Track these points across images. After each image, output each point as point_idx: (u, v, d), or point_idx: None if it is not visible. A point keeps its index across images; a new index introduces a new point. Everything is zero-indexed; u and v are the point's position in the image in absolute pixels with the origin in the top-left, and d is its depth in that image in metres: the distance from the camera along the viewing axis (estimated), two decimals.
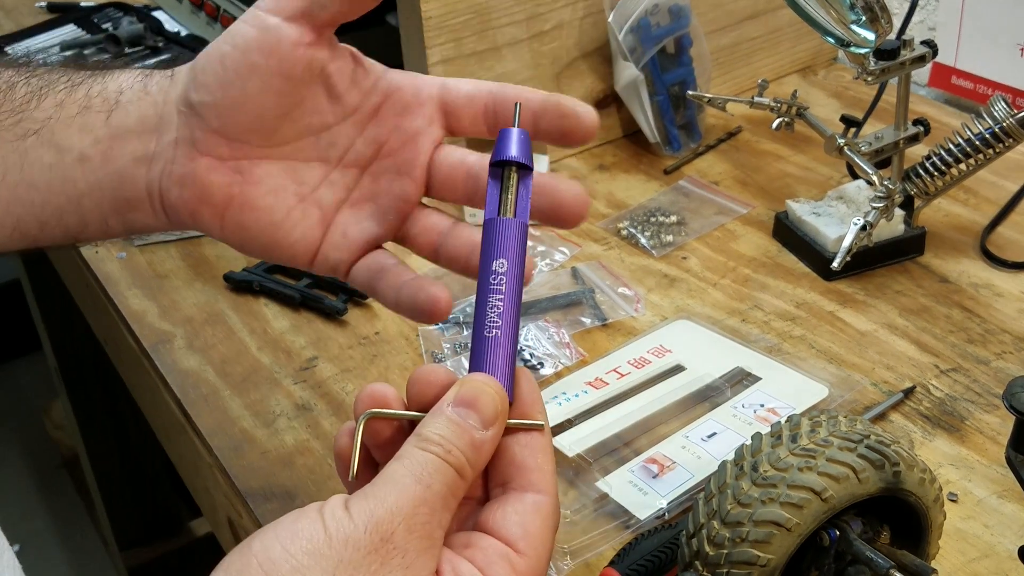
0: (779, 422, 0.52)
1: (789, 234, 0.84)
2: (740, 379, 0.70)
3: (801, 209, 0.83)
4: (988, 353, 0.73)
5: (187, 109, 0.48)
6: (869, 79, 0.76)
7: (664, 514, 0.61)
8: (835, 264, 0.71)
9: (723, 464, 0.51)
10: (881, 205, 0.73)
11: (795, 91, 0.83)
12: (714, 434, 0.66)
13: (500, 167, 0.44)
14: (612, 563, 0.56)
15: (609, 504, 0.62)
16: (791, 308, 0.78)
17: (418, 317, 0.48)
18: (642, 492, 0.62)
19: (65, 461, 1.97)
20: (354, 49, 0.51)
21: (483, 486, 0.41)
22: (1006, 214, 0.85)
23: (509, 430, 0.40)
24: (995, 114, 0.76)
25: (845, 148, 0.78)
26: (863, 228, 0.72)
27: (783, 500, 0.48)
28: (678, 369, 0.72)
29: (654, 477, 0.63)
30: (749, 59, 1.04)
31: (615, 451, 0.66)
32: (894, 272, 0.81)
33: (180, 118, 0.48)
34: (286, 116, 0.49)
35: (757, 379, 0.70)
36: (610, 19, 0.90)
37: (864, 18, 0.68)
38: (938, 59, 0.94)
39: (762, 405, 0.68)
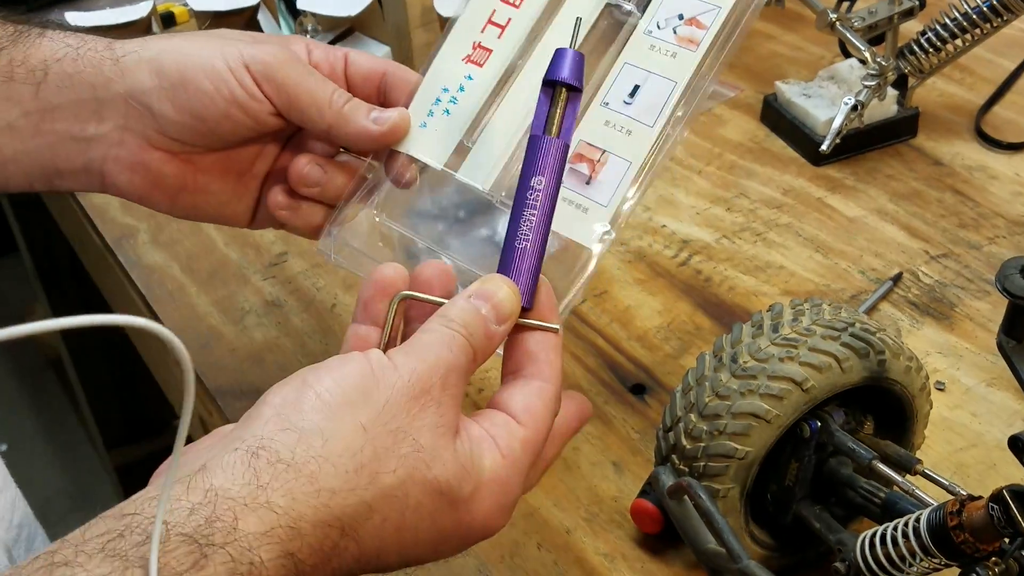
0: (760, 314, 0.49)
1: (778, 117, 0.80)
2: None
3: (791, 91, 0.79)
4: (980, 238, 0.70)
5: (144, 109, 0.50)
6: None
7: (611, 234, 0.48)
8: (824, 147, 0.68)
9: (701, 356, 0.49)
10: (873, 83, 0.70)
11: None
12: (637, 88, 0.50)
13: (551, 86, 0.44)
14: (644, 493, 0.53)
15: (551, 240, 0.47)
16: (778, 195, 0.75)
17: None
18: (581, 209, 0.48)
19: (50, 361, 1.96)
20: None
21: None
22: (1002, 93, 0.82)
23: (527, 328, 0.43)
24: None
25: (837, 24, 0.74)
26: (854, 108, 0.69)
27: (762, 392, 0.46)
28: None
29: (588, 183, 0.48)
30: None
31: None
32: (885, 155, 0.78)
33: (132, 112, 0.50)
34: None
35: None
36: None
37: None
38: None
39: (680, 17, 0.51)
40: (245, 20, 0.86)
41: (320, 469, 0.35)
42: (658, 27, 0.51)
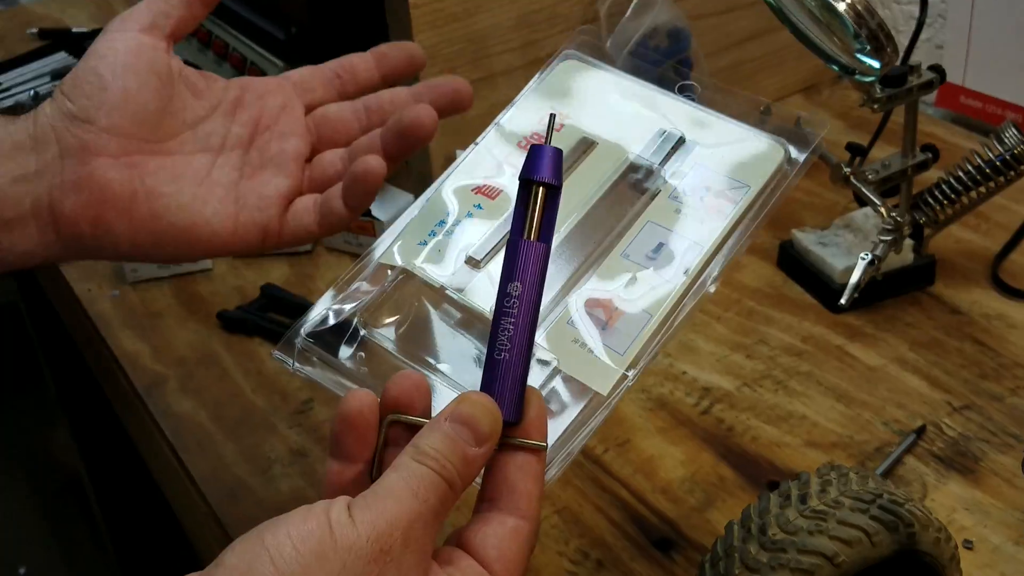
0: (787, 483, 0.50)
1: (795, 264, 0.82)
2: (668, 150, 0.53)
3: (807, 239, 0.81)
4: (1002, 389, 0.71)
5: (68, 121, 0.52)
6: (875, 107, 0.74)
7: (629, 381, 0.47)
8: (843, 301, 0.69)
9: (730, 526, 0.49)
10: (889, 238, 0.71)
11: (799, 117, 0.81)
12: (661, 245, 0.49)
13: (528, 185, 0.43)
14: None
15: (557, 379, 0.47)
16: (797, 343, 0.76)
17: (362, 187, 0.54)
18: (595, 354, 0.47)
19: (70, 483, 1.95)
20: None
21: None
22: (1018, 240, 0.83)
23: (511, 447, 0.41)
24: (1006, 141, 0.74)
25: (851, 178, 0.76)
26: (871, 263, 0.70)
27: (793, 566, 0.46)
28: (587, 146, 0.53)
29: (604, 328, 0.48)
30: (751, 79, 1.02)
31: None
32: (904, 303, 0.79)
33: (62, 131, 0.52)
34: (164, 111, 0.53)
35: (687, 143, 0.53)
36: (608, 44, 0.88)
37: (869, 47, 0.66)
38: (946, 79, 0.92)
39: (707, 189, 0.51)
40: None
41: None
42: (685, 194, 0.51)
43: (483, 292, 0.49)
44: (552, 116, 0.46)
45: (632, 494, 0.65)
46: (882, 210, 0.72)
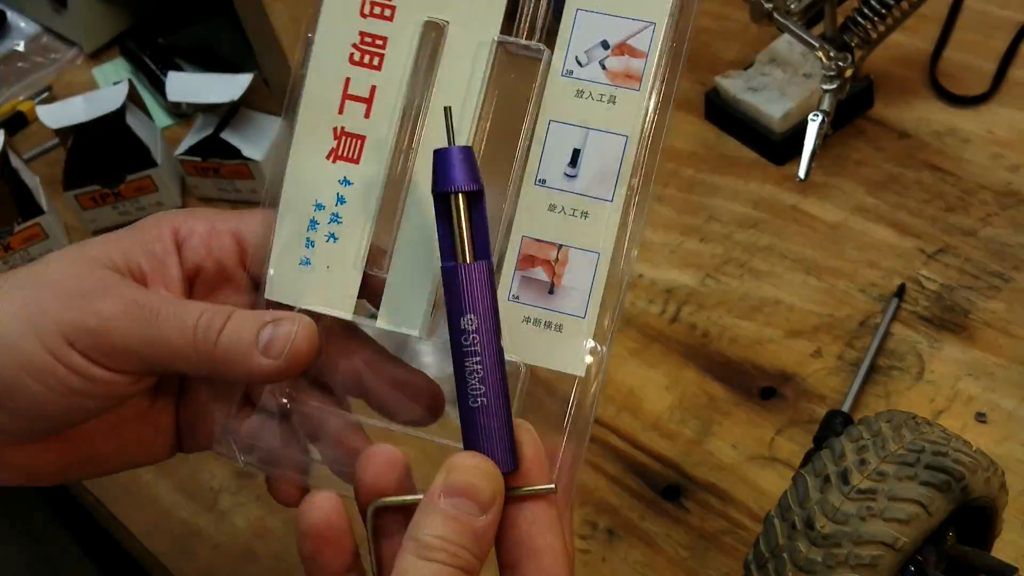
0: (819, 457, 0.44)
1: (725, 116, 0.74)
2: (541, 10, 0.39)
3: (734, 85, 0.73)
4: (972, 220, 0.66)
5: None
6: None
7: (603, 357, 0.38)
8: (801, 175, 0.62)
9: (770, 520, 0.44)
10: (834, 86, 0.64)
11: None
12: (577, 152, 0.38)
13: (444, 198, 0.36)
14: None
15: (528, 378, 0.38)
16: (749, 210, 0.69)
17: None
18: (553, 328, 0.38)
19: None
20: None
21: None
22: (948, 32, 0.76)
23: (519, 499, 0.36)
24: None
25: (775, 14, 0.67)
26: (822, 123, 0.62)
27: (853, 562, 0.41)
28: (435, 34, 0.39)
29: (551, 292, 0.38)
30: None
31: None
32: (847, 137, 0.72)
33: None
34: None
35: None
36: None
37: None
38: None
39: (604, 46, 0.38)
40: (111, 126, 0.75)
41: None
42: (579, 64, 0.38)
43: (401, 307, 0.39)
44: (448, 109, 0.36)
45: (623, 439, 0.60)
46: (820, 55, 0.64)
